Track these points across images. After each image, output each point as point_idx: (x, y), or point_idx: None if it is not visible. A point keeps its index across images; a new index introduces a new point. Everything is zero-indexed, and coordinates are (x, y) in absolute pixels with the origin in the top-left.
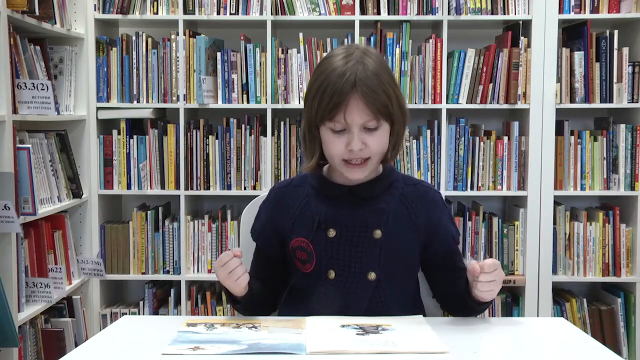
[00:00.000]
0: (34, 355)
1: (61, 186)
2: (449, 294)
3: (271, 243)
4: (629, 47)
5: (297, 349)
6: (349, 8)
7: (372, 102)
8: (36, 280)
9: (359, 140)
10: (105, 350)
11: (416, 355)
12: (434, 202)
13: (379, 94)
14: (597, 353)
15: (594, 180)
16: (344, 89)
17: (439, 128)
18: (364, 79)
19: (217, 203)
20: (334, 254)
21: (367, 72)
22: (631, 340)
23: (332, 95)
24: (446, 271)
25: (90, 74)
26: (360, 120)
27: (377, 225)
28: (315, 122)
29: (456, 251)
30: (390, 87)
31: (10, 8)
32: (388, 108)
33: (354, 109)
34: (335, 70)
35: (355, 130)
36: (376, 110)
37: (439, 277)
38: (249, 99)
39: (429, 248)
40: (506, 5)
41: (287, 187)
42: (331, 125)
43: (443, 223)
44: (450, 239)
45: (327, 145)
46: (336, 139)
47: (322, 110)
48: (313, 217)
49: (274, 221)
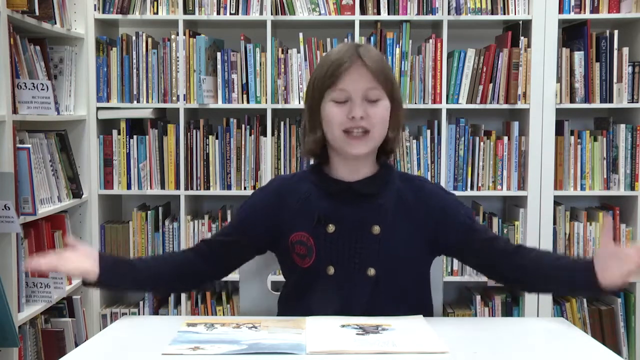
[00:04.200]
0: (34, 355)
1: (61, 186)
2: (508, 269)
3: (253, 229)
4: (629, 47)
5: (297, 349)
6: (349, 8)
7: (375, 69)
8: (36, 280)
9: (361, 108)
10: (105, 350)
11: (416, 355)
12: (432, 194)
13: (381, 64)
14: (597, 353)
15: (594, 180)
16: (345, 57)
17: (439, 128)
18: (366, 50)
19: (217, 203)
20: (333, 250)
21: (369, 50)
22: (631, 340)
23: (333, 64)
24: (481, 249)
25: (90, 74)
26: (363, 86)
27: (376, 221)
28: (318, 98)
29: (476, 227)
30: (390, 72)
31: (10, 8)
32: (390, 81)
33: (356, 75)
34: (335, 52)
35: (357, 98)
36: (378, 78)
37: (479, 258)
38: (249, 99)
39: (444, 237)
40: (506, 5)
41: (289, 180)
42: (333, 96)
43: (448, 207)
44: (462, 219)
45: (329, 119)
46: (338, 110)
47: (323, 81)
48: (313, 212)
49: (270, 210)
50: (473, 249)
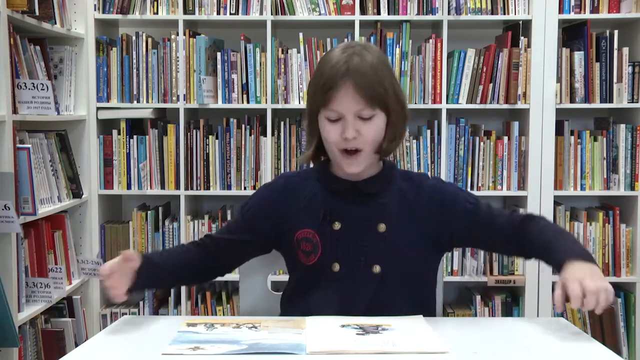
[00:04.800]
0: (34, 355)
1: (61, 186)
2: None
3: (259, 226)
4: (629, 47)
5: (297, 349)
6: (349, 8)
7: (364, 91)
8: (36, 280)
9: (353, 128)
10: (105, 350)
11: (416, 355)
12: (430, 189)
13: (372, 82)
14: (597, 353)
15: (594, 180)
16: (336, 76)
17: (439, 128)
18: (358, 68)
19: (217, 203)
20: (339, 247)
21: (362, 63)
22: (631, 340)
23: (325, 83)
24: (487, 229)
25: (90, 74)
26: (353, 108)
27: (382, 219)
28: (313, 110)
29: (479, 209)
30: (386, 79)
31: (10, 8)
32: (382, 97)
33: (346, 97)
34: (331, 61)
35: (349, 118)
36: (368, 99)
37: (487, 239)
38: (249, 99)
39: (449, 228)
40: (506, 5)
41: (294, 178)
42: (326, 114)
43: (447, 199)
44: (462, 205)
45: (324, 135)
46: (332, 128)
47: (317, 98)
48: (319, 209)
49: (276, 207)
50: (480, 232)
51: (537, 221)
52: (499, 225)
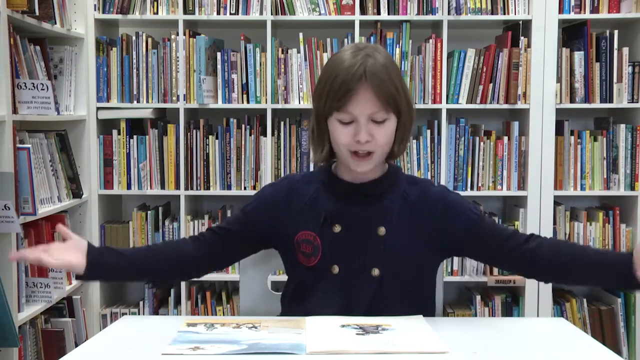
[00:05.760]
0: (34, 355)
1: (61, 186)
2: (530, 262)
3: (256, 221)
4: (629, 47)
5: (297, 349)
6: (349, 8)
7: (381, 94)
8: (36, 280)
9: (366, 131)
10: (105, 350)
11: (416, 355)
12: (436, 195)
13: (388, 85)
14: (597, 353)
15: (594, 180)
16: (353, 79)
17: (439, 128)
18: (374, 70)
19: (217, 203)
20: (338, 249)
21: (376, 65)
22: (631, 340)
23: (341, 86)
24: (489, 244)
25: (90, 74)
26: (369, 111)
27: (382, 222)
28: (324, 113)
29: (483, 221)
30: (398, 80)
31: (10, 8)
32: (396, 100)
33: (363, 100)
34: (344, 62)
35: (363, 121)
36: (385, 102)
37: (489, 253)
38: (249, 99)
39: (451, 237)
40: (506, 5)
41: (299, 180)
42: (339, 117)
43: (451, 207)
44: (467, 216)
45: (335, 137)
46: (344, 130)
47: (331, 101)
48: (320, 211)
49: (277, 206)
50: (482, 244)
51: (540, 242)
52: (502, 240)
